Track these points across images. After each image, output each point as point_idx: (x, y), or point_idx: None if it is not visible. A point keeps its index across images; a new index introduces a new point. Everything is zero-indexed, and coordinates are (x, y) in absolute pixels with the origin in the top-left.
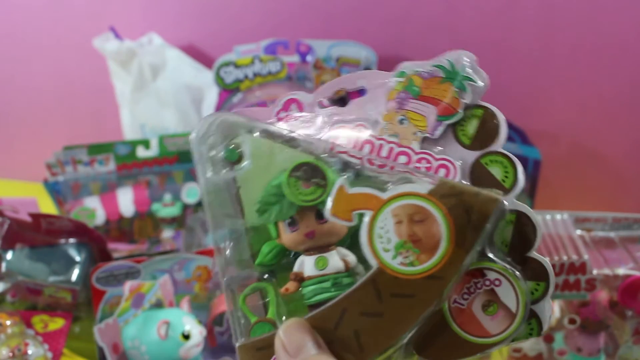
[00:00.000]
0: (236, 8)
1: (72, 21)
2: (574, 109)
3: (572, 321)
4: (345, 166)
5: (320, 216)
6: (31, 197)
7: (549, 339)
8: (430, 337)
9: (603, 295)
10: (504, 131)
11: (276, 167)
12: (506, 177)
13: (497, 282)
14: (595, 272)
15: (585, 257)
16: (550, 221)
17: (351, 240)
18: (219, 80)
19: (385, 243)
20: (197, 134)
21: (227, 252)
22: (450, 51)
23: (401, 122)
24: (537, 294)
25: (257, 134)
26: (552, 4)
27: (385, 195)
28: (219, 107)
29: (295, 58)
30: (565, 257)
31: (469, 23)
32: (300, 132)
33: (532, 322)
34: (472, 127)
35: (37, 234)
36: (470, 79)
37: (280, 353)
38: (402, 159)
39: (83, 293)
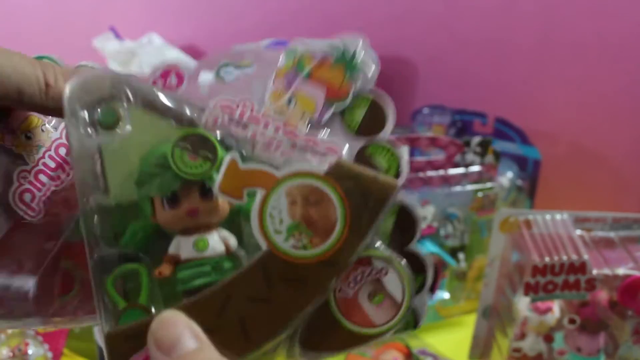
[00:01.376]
0: (236, 8)
1: (72, 21)
2: (574, 109)
3: (572, 321)
4: (235, 141)
5: (204, 193)
6: None
7: (548, 339)
8: (313, 326)
9: (603, 295)
10: (391, 120)
11: (158, 137)
12: (390, 168)
13: (384, 272)
14: (595, 272)
15: (585, 257)
16: (550, 221)
17: (231, 222)
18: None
19: (277, 224)
20: (72, 88)
21: (95, 229)
22: (345, 33)
23: (289, 102)
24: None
25: (138, 99)
26: (552, 4)
27: (279, 174)
28: None
29: None
30: (565, 257)
31: (469, 23)
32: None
33: (410, 317)
34: (359, 114)
35: None
36: (363, 64)
37: (153, 351)
38: (288, 140)
39: None
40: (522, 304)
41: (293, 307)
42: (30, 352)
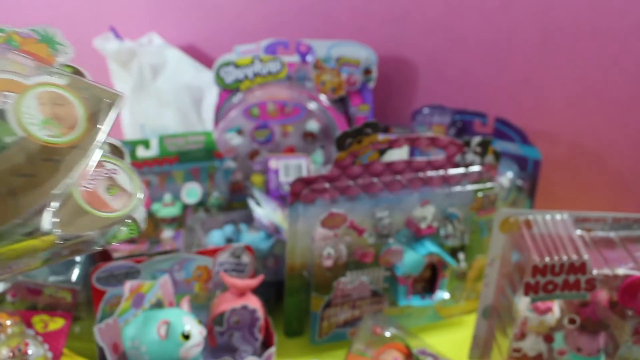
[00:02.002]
0: (236, 8)
1: (72, 21)
2: (574, 109)
3: (572, 321)
4: None
5: None
6: None
7: (549, 339)
8: (60, 214)
9: (603, 295)
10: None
11: None
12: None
13: (114, 171)
14: (595, 272)
15: (585, 257)
16: (550, 221)
17: None
18: (219, 80)
19: (31, 119)
20: None
21: None
22: (41, 24)
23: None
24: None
25: None
26: (552, 4)
27: (28, 82)
28: (219, 108)
29: (295, 58)
30: (565, 257)
31: (469, 23)
32: None
33: (132, 224)
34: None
35: None
36: (62, 45)
37: None
38: None
39: (83, 293)
40: (522, 304)
41: (53, 180)
42: (30, 352)
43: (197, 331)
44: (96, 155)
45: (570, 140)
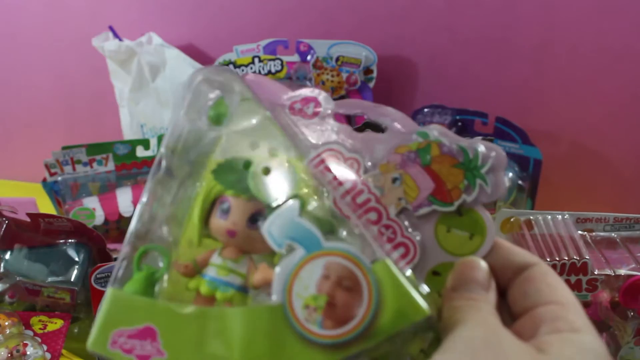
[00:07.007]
0: (236, 7)
1: (71, 21)
2: (575, 109)
3: None
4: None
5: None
6: (30, 197)
7: None
8: None
9: (604, 296)
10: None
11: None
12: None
13: None
14: (596, 272)
15: (587, 257)
16: (551, 221)
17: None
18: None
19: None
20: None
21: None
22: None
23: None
24: None
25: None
26: (552, 4)
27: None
28: None
29: (295, 58)
30: (566, 258)
31: (469, 23)
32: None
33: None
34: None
35: (35, 234)
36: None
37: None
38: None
39: (82, 294)
40: None
41: None
42: (28, 352)
43: None
44: None
45: (571, 140)
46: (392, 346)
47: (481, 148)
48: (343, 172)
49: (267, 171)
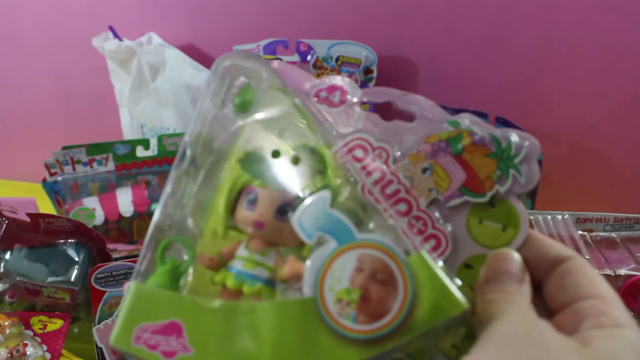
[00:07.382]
0: (236, 7)
1: (71, 21)
2: (575, 109)
3: None
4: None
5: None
6: (30, 197)
7: None
8: None
9: None
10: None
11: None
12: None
13: None
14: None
15: (587, 257)
16: (551, 221)
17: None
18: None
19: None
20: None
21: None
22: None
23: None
24: None
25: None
26: (552, 4)
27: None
28: None
29: (295, 58)
30: None
31: (469, 23)
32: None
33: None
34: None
35: (35, 234)
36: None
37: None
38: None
39: (82, 294)
40: None
41: None
42: (28, 352)
43: None
44: None
45: (571, 140)
46: (426, 341)
47: (514, 137)
48: (371, 162)
49: (296, 160)
